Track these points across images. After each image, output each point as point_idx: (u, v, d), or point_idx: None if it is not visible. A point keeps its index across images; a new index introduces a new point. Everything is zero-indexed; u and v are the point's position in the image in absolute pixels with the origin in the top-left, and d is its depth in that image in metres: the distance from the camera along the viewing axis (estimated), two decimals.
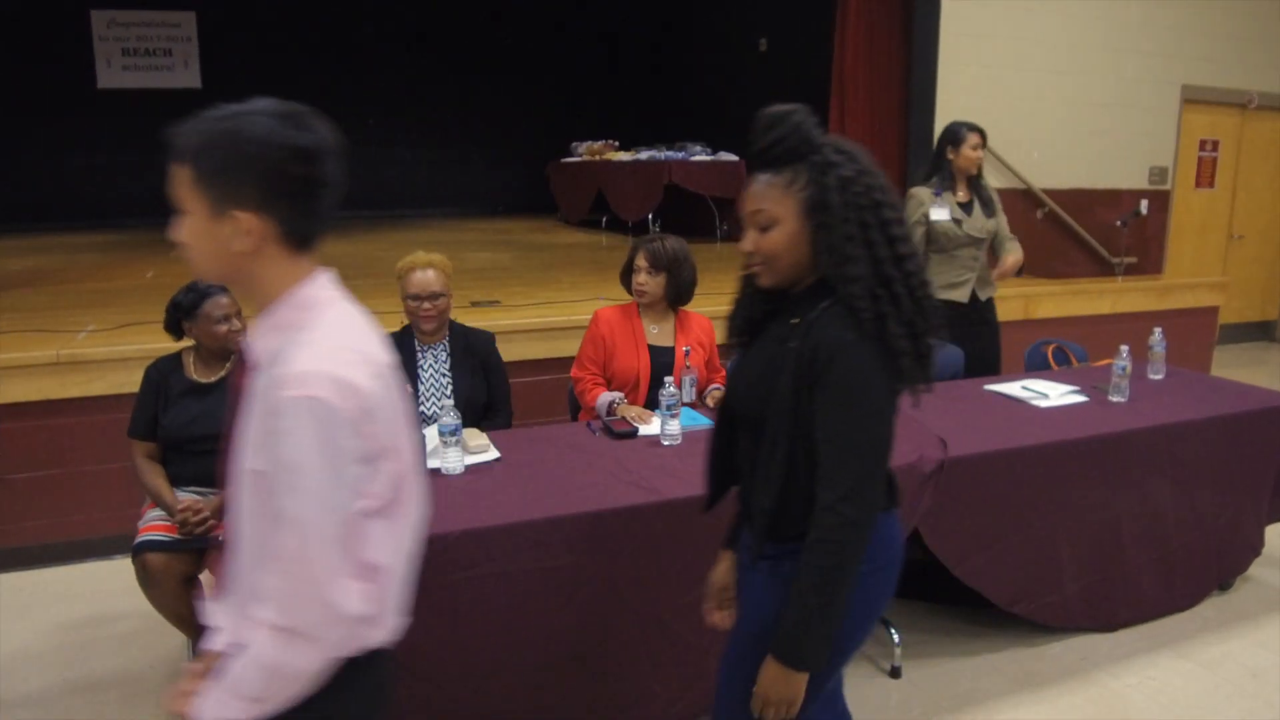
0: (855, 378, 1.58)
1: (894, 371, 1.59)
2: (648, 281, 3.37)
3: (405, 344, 3.29)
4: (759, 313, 1.78)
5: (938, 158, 4.31)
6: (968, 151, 4.21)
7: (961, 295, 4.27)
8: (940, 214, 4.21)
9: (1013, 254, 4.32)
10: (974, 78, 6.89)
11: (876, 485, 1.62)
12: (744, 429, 1.79)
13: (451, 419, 2.61)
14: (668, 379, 2.94)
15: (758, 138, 1.65)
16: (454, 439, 2.62)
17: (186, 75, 11.77)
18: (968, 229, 4.22)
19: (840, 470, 1.58)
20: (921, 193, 4.27)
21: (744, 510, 1.84)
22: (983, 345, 4.32)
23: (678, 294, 3.41)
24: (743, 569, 1.88)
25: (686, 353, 3.40)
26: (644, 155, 9.28)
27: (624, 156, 9.75)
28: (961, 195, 4.28)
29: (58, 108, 11.28)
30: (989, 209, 4.28)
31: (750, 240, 1.69)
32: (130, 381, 3.81)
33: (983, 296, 4.34)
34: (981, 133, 4.25)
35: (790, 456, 1.64)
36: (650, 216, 8.85)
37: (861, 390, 1.58)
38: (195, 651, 2.95)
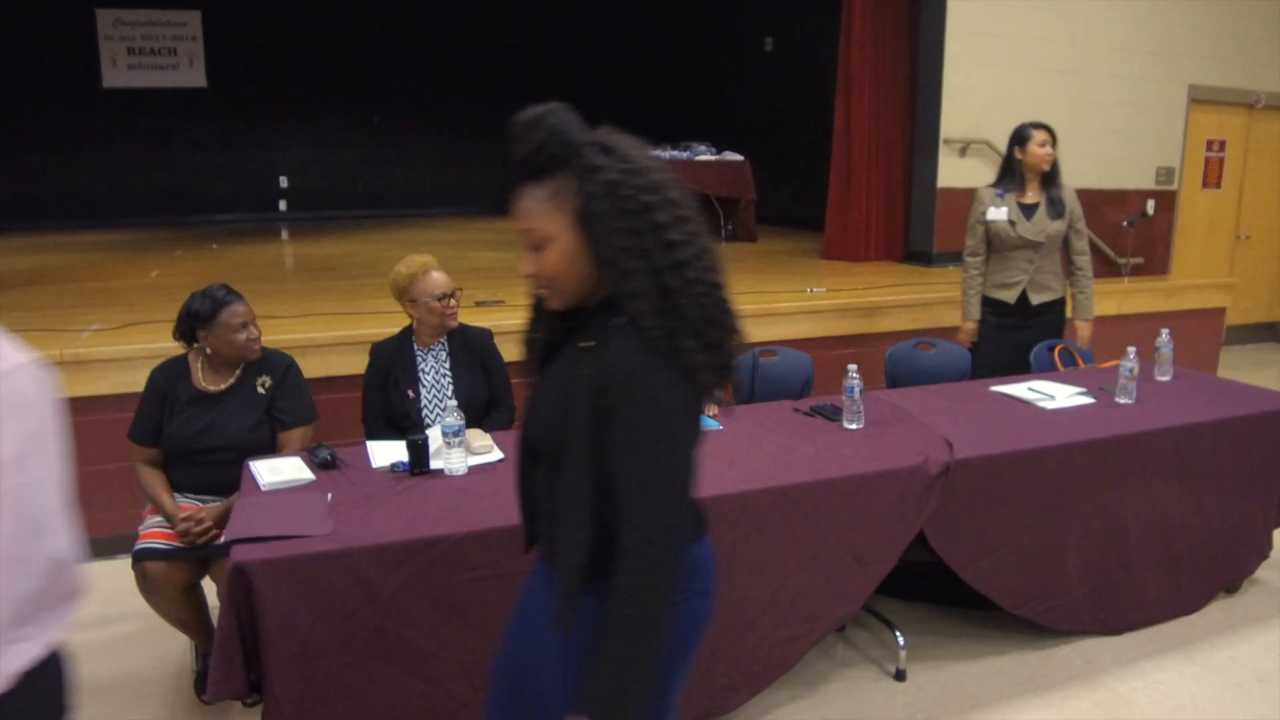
0: (649, 407, 1.42)
1: (693, 390, 1.46)
2: None
3: (405, 348, 3.29)
4: (558, 335, 1.60)
5: (1007, 159, 4.33)
6: (1035, 149, 4.19)
7: (1009, 296, 4.30)
8: (996, 215, 4.25)
9: (1083, 326, 4.38)
10: (980, 77, 6.87)
11: (682, 520, 1.47)
12: (542, 464, 1.61)
13: (455, 419, 2.60)
14: None
15: (514, 146, 1.48)
16: (457, 440, 2.61)
17: (192, 74, 11.77)
18: (1022, 231, 4.22)
19: (641, 509, 1.43)
20: (985, 192, 4.32)
21: (547, 554, 1.66)
22: (1024, 347, 4.31)
23: None
24: (531, 594, 1.74)
25: None
26: None
27: None
28: (1030, 197, 4.26)
29: (63, 106, 11.30)
30: (1055, 211, 4.23)
31: (527, 262, 1.52)
32: (134, 381, 3.81)
33: (1035, 300, 4.31)
34: (1049, 130, 4.22)
35: (595, 498, 1.48)
36: None
37: (656, 420, 1.42)
38: (199, 653, 2.95)
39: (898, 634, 3.08)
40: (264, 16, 11.81)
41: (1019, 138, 4.27)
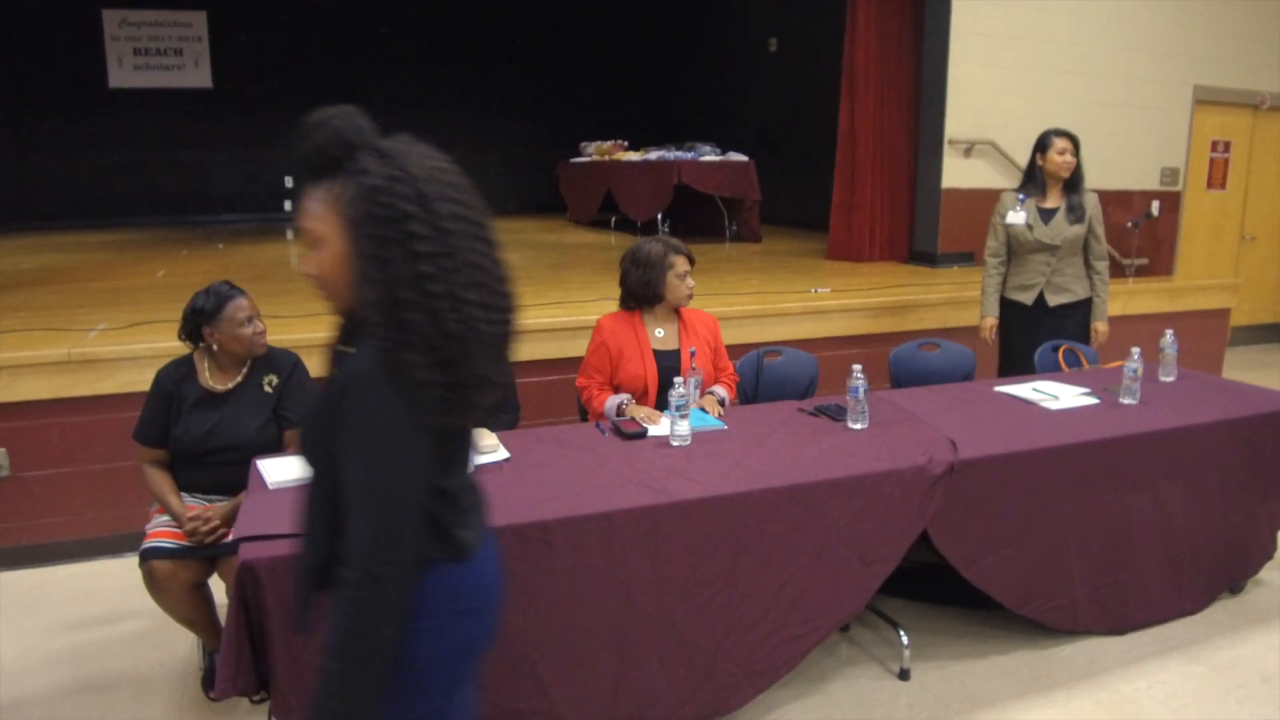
0: (370, 418, 1.41)
1: (419, 406, 1.42)
2: (692, 281, 3.45)
3: None
4: (339, 339, 1.59)
5: (1030, 164, 4.43)
6: (1054, 156, 4.29)
7: (1027, 298, 4.44)
8: (1015, 219, 4.40)
9: (1098, 327, 4.45)
10: (984, 78, 6.88)
11: (404, 537, 1.43)
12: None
13: None
14: (677, 379, 2.94)
15: (299, 145, 1.47)
16: None
17: (197, 75, 11.81)
18: (1038, 235, 4.33)
19: (361, 522, 1.41)
20: (1007, 196, 4.47)
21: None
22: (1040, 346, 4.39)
23: (632, 298, 3.50)
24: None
25: (692, 354, 3.40)
26: (653, 155, 9.28)
27: (633, 157, 9.75)
28: (1050, 202, 4.36)
29: (70, 107, 11.34)
30: (1074, 216, 4.31)
31: (305, 261, 1.51)
32: (141, 380, 3.83)
33: (1052, 302, 4.40)
34: (1072, 139, 4.29)
35: (329, 505, 1.47)
36: (660, 217, 8.86)
37: (376, 432, 1.41)
38: (205, 651, 2.97)
39: (902, 633, 3.08)
40: (269, 18, 11.86)
41: (1041, 144, 4.36)
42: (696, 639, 2.55)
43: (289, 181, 12.43)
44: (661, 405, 3.28)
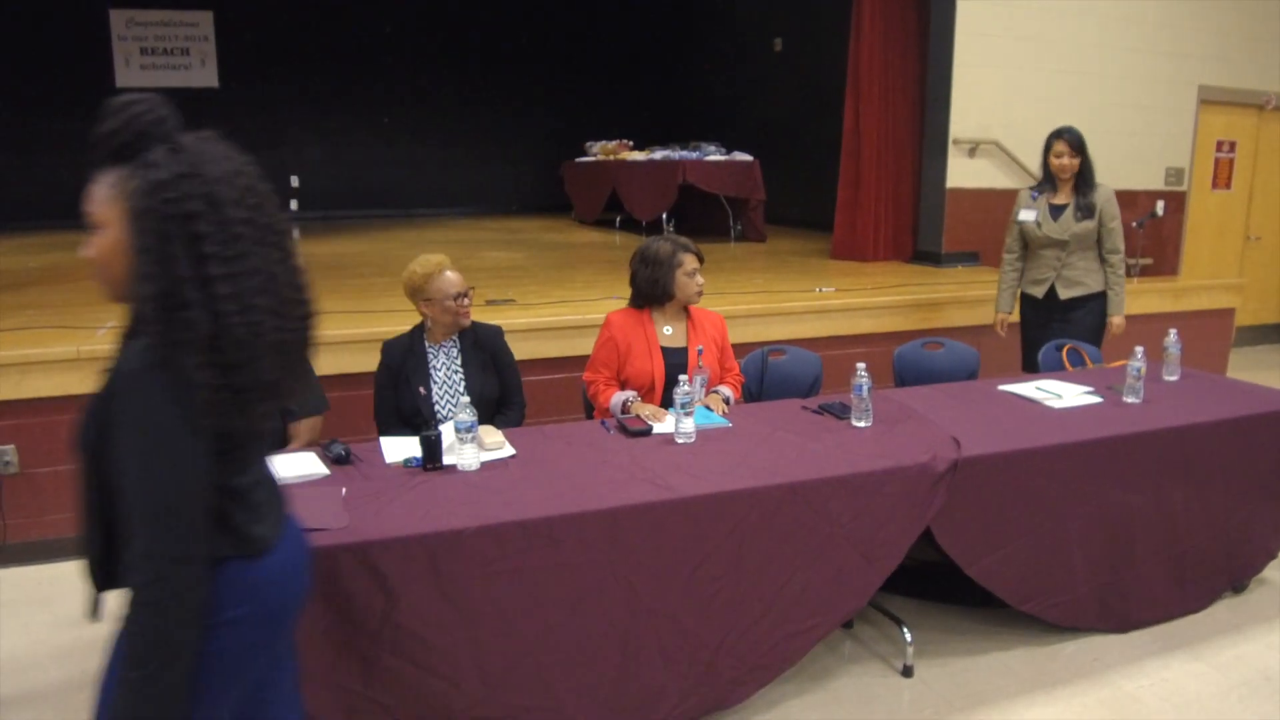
0: (141, 415, 1.38)
1: (194, 406, 1.39)
2: (701, 279, 3.46)
3: (416, 345, 3.32)
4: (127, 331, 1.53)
5: (1044, 162, 4.54)
6: (1053, 159, 4.44)
7: (1039, 291, 4.59)
8: (1026, 215, 4.57)
9: (1114, 321, 4.58)
10: (989, 78, 6.89)
11: (188, 535, 1.40)
12: None
13: (467, 416, 2.63)
14: (681, 377, 2.96)
15: (96, 127, 1.43)
16: (470, 436, 2.64)
17: (204, 74, 11.85)
18: (1047, 231, 4.47)
19: (142, 524, 1.38)
20: (1023, 194, 4.66)
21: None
22: (1053, 340, 4.47)
23: (641, 297, 3.51)
24: None
25: (700, 352, 3.42)
26: (658, 155, 9.30)
27: (638, 156, 9.77)
28: (1061, 198, 4.49)
29: (77, 106, 11.31)
30: (1084, 212, 4.41)
31: (87, 244, 1.47)
32: None
33: (1064, 295, 4.52)
34: (1070, 140, 4.39)
35: (102, 503, 1.46)
36: (665, 216, 8.88)
37: (147, 431, 1.38)
38: None
39: (905, 630, 3.10)
40: (275, 17, 11.89)
41: (1045, 145, 4.49)
42: (700, 634, 2.57)
43: (295, 181, 12.47)
44: (667, 403, 3.30)
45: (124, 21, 11.54)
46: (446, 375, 3.31)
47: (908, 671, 3.05)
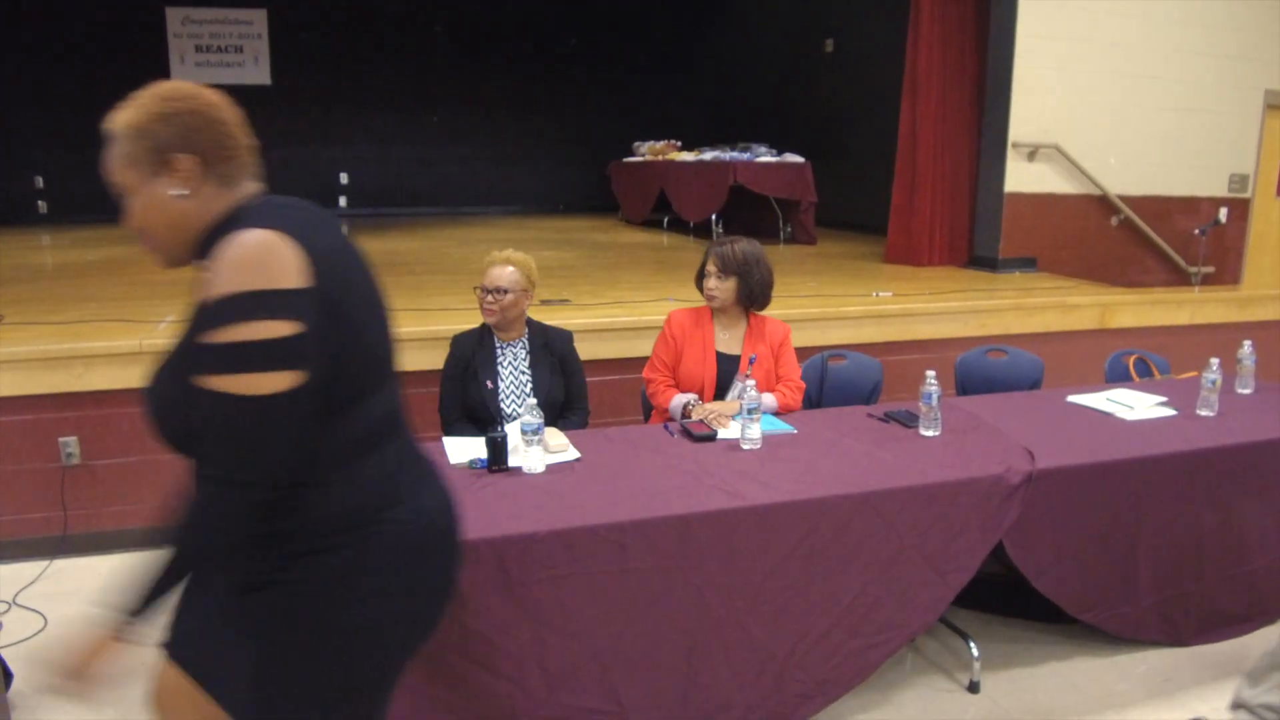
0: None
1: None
2: (717, 286, 3.35)
3: (486, 340, 3.32)
4: None
5: None
6: None
7: None
8: None
9: None
10: (1050, 80, 6.77)
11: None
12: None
13: (534, 418, 2.61)
14: (750, 381, 2.91)
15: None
16: (536, 438, 2.62)
17: (257, 72, 11.98)
18: None
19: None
20: None
21: None
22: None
23: (750, 298, 3.38)
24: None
25: (752, 360, 3.36)
26: (708, 156, 9.25)
27: (687, 157, 9.73)
28: None
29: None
30: None
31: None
32: None
33: None
34: None
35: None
36: (713, 218, 8.83)
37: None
38: None
39: (971, 644, 3.03)
40: (328, 16, 12.00)
41: None
42: (768, 645, 2.52)
43: (344, 178, 12.57)
44: None
45: (179, 19, 11.70)
46: (513, 373, 3.30)
47: (974, 687, 2.98)
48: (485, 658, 2.28)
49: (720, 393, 3.37)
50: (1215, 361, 3.44)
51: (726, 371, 3.38)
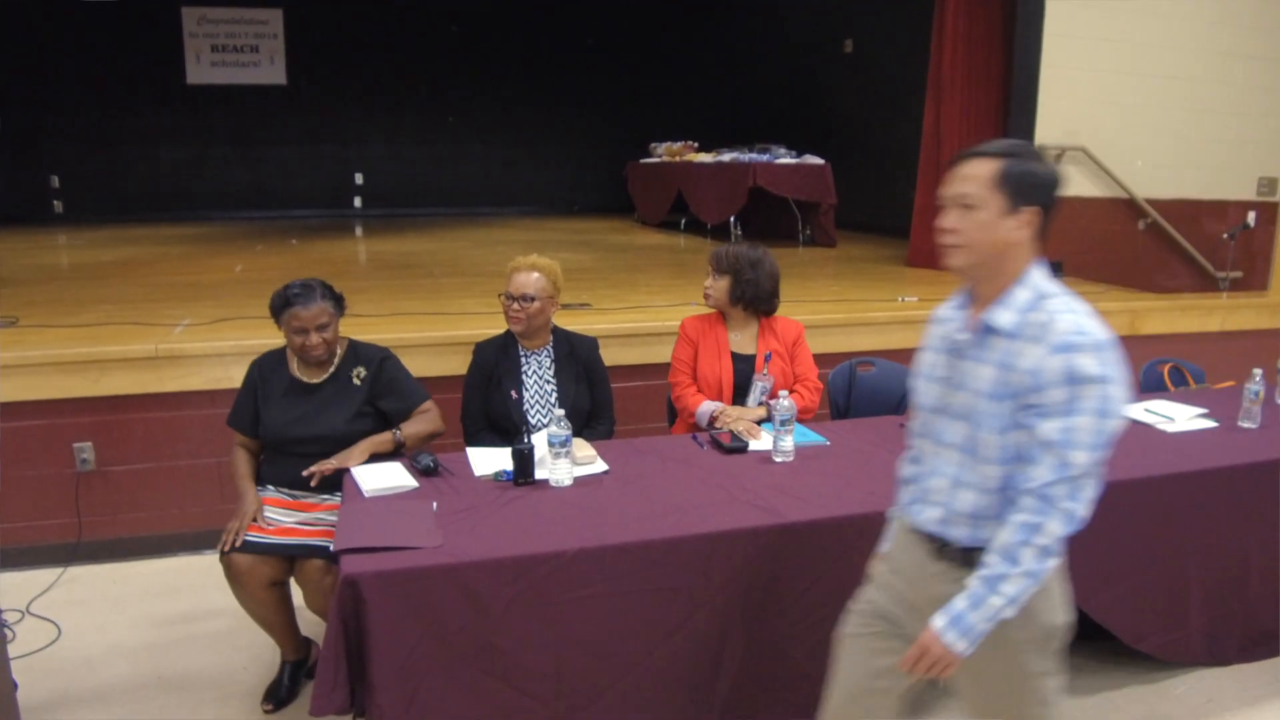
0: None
1: None
2: (711, 285, 3.34)
3: (509, 348, 3.23)
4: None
5: None
6: None
7: None
8: None
9: None
10: (1076, 82, 6.66)
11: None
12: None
13: (561, 429, 2.53)
14: (783, 392, 2.83)
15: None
16: (564, 450, 2.54)
17: (272, 72, 11.96)
18: None
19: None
20: None
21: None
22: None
23: (743, 298, 3.31)
24: None
25: (767, 358, 3.29)
26: (726, 157, 9.15)
27: (705, 158, 9.63)
28: None
29: (148, 102, 11.56)
30: None
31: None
32: (226, 377, 3.82)
33: None
34: None
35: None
36: (732, 220, 8.74)
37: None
38: (282, 661, 2.91)
39: None
40: (344, 16, 11.97)
41: None
42: (804, 665, 2.42)
43: (359, 178, 12.54)
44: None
45: (196, 19, 11.69)
46: (538, 382, 3.22)
47: None
48: (514, 677, 2.21)
49: (739, 393, 3.30)
50: (1259, 372, 3.34)
51: (743, 371, 3.31)
